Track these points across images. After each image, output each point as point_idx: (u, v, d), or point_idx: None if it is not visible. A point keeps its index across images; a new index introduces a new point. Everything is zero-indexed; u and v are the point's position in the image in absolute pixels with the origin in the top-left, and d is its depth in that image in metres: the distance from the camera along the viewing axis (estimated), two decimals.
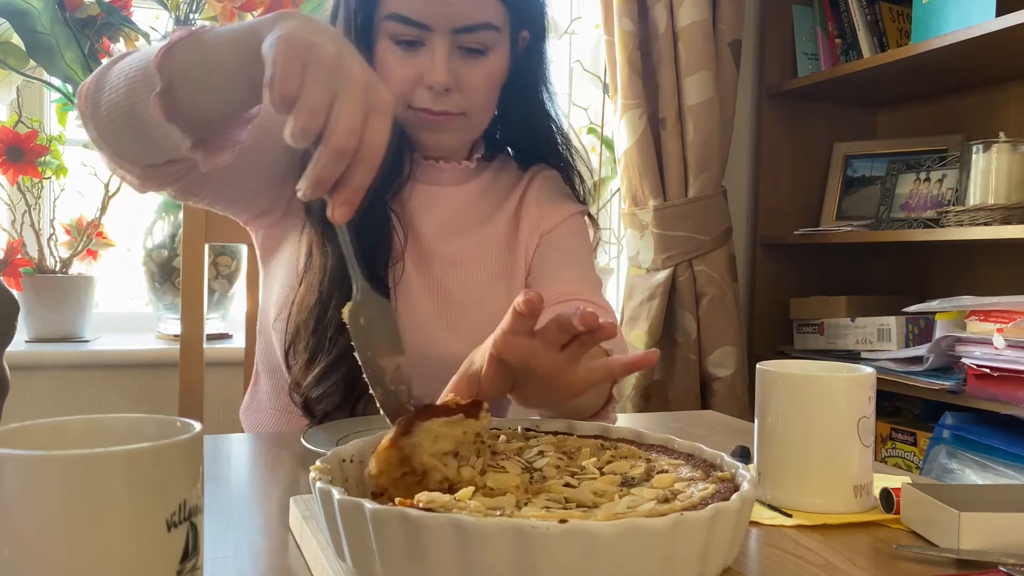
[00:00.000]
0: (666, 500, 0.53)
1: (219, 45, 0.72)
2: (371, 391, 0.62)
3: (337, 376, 0.96)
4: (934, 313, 1.81)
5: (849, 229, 2.07)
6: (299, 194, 0.62)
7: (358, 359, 0.63)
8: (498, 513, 0.49)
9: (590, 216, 1.17)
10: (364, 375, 0.63)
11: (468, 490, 0.54)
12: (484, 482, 0.57)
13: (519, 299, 0.63)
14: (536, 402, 0.74)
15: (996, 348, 1.62)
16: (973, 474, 1.67)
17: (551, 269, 1.08)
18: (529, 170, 1.16)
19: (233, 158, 0.81)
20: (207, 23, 1.77)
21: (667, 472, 0.59)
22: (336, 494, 0.50)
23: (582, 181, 1.17)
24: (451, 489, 0.55)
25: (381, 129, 0.63)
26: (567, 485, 0.57)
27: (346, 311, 0.64)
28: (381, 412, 0.63)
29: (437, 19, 0.96)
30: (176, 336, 1.71)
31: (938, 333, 1.79)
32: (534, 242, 1.11)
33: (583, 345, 0.65)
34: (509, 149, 1.17)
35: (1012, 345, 1.59)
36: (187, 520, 0.42)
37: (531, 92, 1.10)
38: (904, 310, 1.89)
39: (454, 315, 1.05)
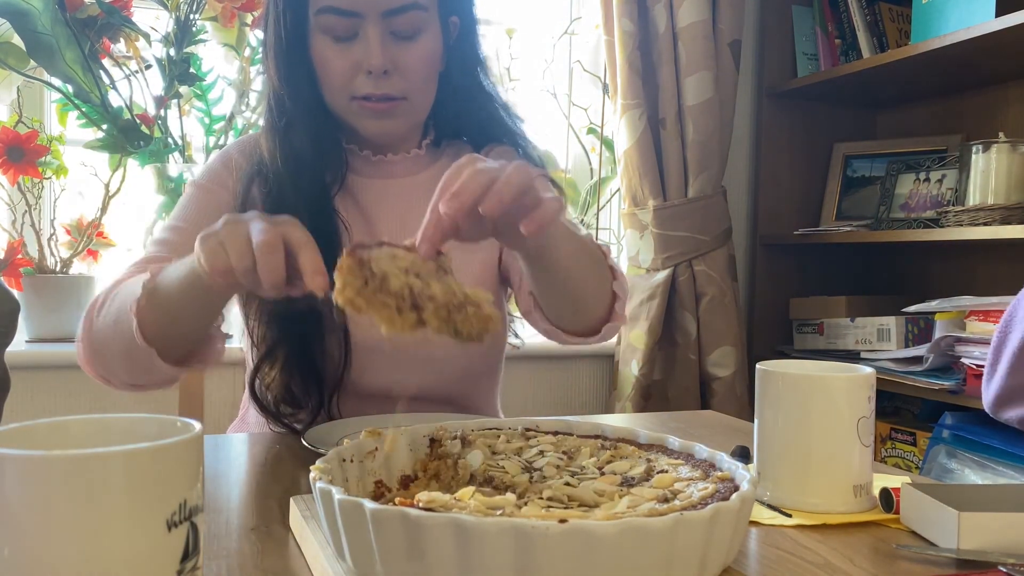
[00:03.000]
0: (666, 500, 0.53)
1: (171, 281, 0.84)
2: None
3: (287, 376, 1.02)
4: (934, 313, 1.81)
5: (849, 229, 2.07)
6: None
7: None
8: (498, 513, 0.49)
9: (553, 180, 1.18)
10: None
11: (468, 490, 0.54)
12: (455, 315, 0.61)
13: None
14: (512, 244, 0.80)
15: None
16: (973, 474, 1.67)
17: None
18: (483, 149, 1.16)
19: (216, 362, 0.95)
20: (207, 23, 1.77)
21: (667, 472, 0.59)
22: (336, 494, 0.50)
23: (534, 148, 1.19)
24: (416, 303, 0.60)
25: (294, 225, 0.73)
26: (567, 485, 0.57)
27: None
28: None
29: (366, 5, 0.98)
30: None
31: (938, 333, 1.79)
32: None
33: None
34: (462, 135, 1.18)
35: None
36: (187, 520, 0.42)
37: (469, 76, 1.12)
38: (904, 310, 1.89)
39: None
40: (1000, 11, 1.66)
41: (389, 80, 1.01)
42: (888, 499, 0.70)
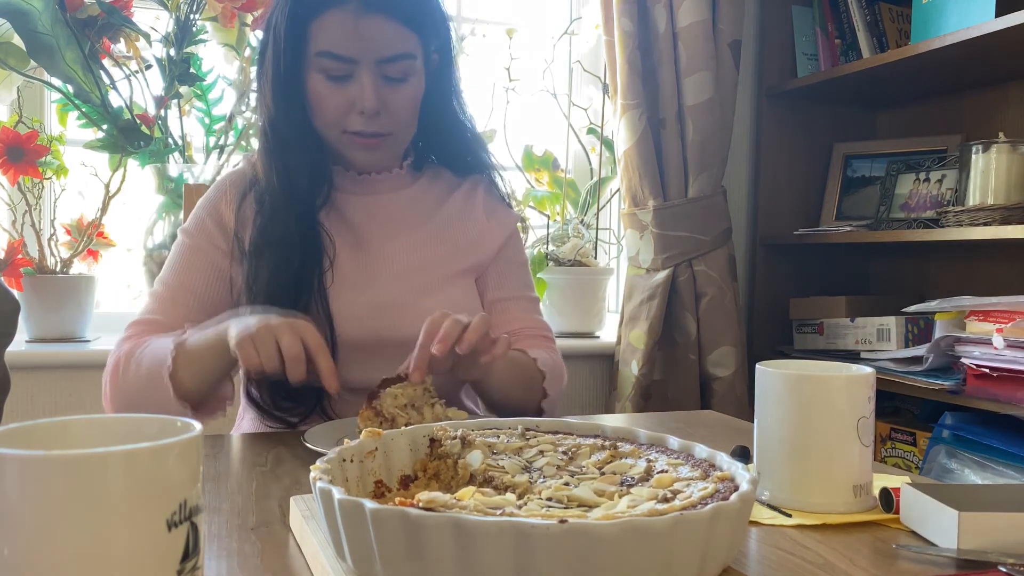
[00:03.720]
0: (666, 500, 0.53)
1: (203, 350, 1.01)
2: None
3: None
4: (934, 313, 1.81)
5: (849, 229, 2.07)
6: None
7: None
8: (498, 513, 0.49)
9: (522, 221, 1.37)
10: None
11: (469, 490, 0.54)
12: (447, 415, 0.92)
13: (434, 348, 0.92)
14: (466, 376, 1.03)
15: (995, 348, 1.62)
16: (973, 474, 1.67)
17: (503, 287, 1.25)
18: (468, 178, 1.27)
19: (227, 406, 1.10)
20: (207, 23, 1.77)
21: (667, 472, 0.59)
22: (336, 494, 0.50)
23: (500, 175, 1.31)
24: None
25: (312, 333, 0.95)
26: (567, 485, 0.57)
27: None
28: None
29: (363, 53, 1.07)
30: None
31: (938, 333, 1.79)
32: (491, 252, 1.24)
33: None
34: (435, 157, 1.28)
35: (1011, 345, 1.59)
36: (187, 520, 0.42)
37: (444, 104, 1.21)
38: (904, 310, 1.89)
39: (401, 302, 1.14)
40: (1000, 11, 1.66)
41: (379, 119, 1.10)
42: (888, 499, 0.70)
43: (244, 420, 1.23)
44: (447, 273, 1.19)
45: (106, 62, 1.73)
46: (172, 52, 1.76)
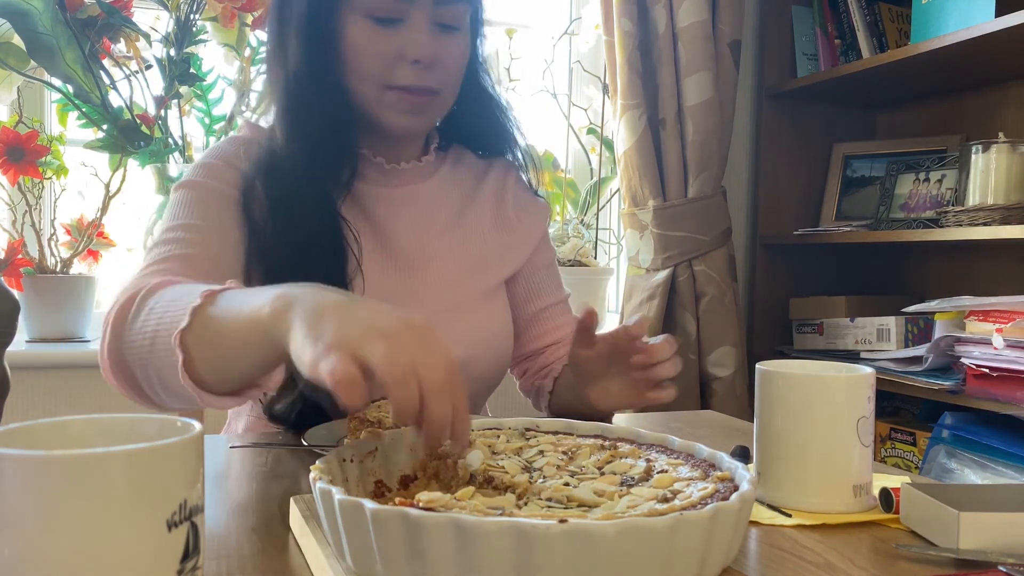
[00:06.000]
0: (666, 500, 0.53)
1: (228, 332, 0.68)
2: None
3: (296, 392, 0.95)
4: (933, 313, 1.81)
5: (849, 229, 2.07)
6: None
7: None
8: (498, 513, 0.49)
9: (536, 193, 1.24)
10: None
11: (469, 490, 0.54)
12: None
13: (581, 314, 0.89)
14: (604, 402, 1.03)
15: (995, 348, 1.62)
16: (972, 474, 1.67)
17: (543, 295, 1.19)
18: (494, 163, 1.18)
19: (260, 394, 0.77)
20: (207, 23, 1.77)
21: (667, 472, 0.59)
22: (336, 494, 0.50)
23: (534, 167, 1.21)
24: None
25: (459, 381, 0.58)
26: (567, 485, 0.57)
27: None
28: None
29: None
30: None
31: (937, 333, 1.79)
32: (523, 259, 1.16)
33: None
34: (465, 139, 1.17)
35: (1011, 345, 1.59)
36: (188, 520, 0.42)
37: (475, 78, 1.10)
38: (903, 310, 1.89)
39: (436, 325, 1.04)
40: (1000, 11, 1.66)
41: (430, 73, 0.97)
42: (888, 499, 0.70)
43: (240, 421, 1.16)
44: (481, 287, 1.11)
45: (106, 62, 1.73)
46: (172, 52, 1.76)
